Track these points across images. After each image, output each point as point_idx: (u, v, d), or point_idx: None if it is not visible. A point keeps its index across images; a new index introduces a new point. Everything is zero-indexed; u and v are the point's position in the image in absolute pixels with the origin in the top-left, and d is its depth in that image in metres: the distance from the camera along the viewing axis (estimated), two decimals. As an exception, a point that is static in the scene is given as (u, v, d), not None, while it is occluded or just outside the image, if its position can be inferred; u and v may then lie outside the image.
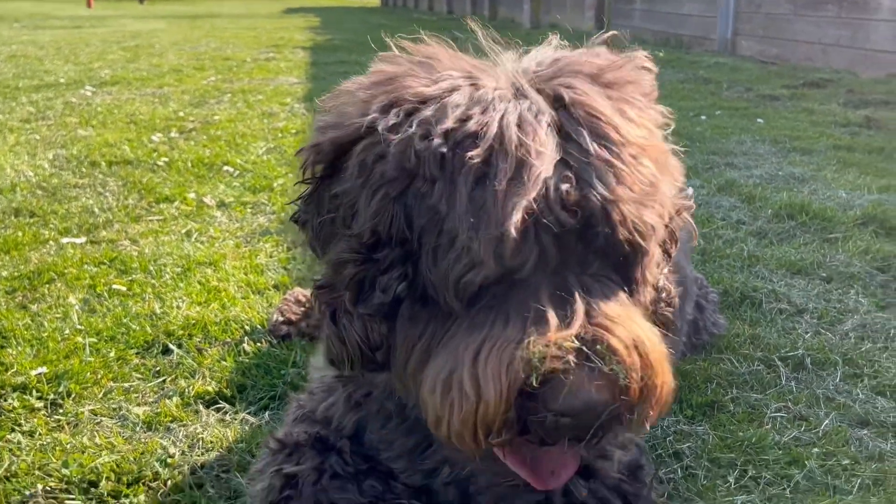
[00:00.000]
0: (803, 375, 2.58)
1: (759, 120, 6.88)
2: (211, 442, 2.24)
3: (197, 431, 2.29)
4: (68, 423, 2.38)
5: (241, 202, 4.60)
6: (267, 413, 2.40)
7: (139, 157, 5.60)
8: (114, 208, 4.45)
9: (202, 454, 2.19)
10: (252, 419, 2.37)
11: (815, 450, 2.17)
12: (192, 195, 4.68)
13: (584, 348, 1.28)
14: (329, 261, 1.52)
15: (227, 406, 2.45)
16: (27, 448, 2.24)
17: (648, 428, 1.40)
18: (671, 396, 1.39)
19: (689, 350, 2.63)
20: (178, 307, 3.12)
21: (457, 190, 1.33)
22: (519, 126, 1.34)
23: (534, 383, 1.26)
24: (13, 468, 2.14)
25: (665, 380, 1.37)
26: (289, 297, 2.96)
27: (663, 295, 1.63)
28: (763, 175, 4.98)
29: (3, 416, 2.39)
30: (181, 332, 2.89)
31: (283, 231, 4.05)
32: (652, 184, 1.38)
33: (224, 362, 2.69)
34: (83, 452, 2.20)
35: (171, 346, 2.81)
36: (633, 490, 1.73)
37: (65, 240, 3.93)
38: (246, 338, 2.86)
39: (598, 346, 1.29)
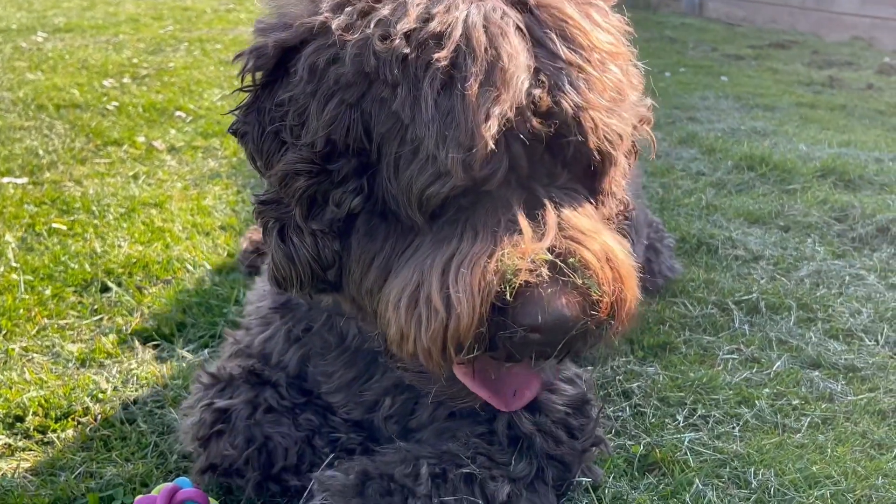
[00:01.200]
0: (757, 319, 2.54)
1: (723, 77, 6.84)
2: (146, 378, 2.16)
3: (131, 367, 2.20)
4: (-3, 360, 2.28)
5: (192, 146, 4.46)
6: (206, 351, 2.31)
7: (88, 101, 5.41)
8: (59, 150, 4.29)
9: (136, 390, 2.10)
10: (190, 356, 2.28)
11: (766, 390, 2.14)
12: (141, 139, 4.53)
13: (557, 261, 1.23)
14: (276, 174, 1.40)
15: (165, 343, 2.36)
16: (-49, 383, 2.14)
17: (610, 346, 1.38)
18: (637, 310, 1.37)
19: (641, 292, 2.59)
20: (119, 246, 3.01)
21: (421, 95, 1.25)
22: (486, 27, 1.26)
23: (507, 297, 1.21)
24: (-65, 403, 2.04)
25: (633, 294, 1.34)
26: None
27: (625, 210, 1.60)
28: (725, 129, 4.93)
29: (-73, 352, 2.29)
30: (121, 271, 2.79)
31: (234, 174, 3.93)
32: (619, 91, 1.34)
33: (164, 300, 2.59)
34: (10, 388, 2.10)
35: (110, 284, 2.71)
36: (578, 424, 1.68)
37: (5, 179, 3.78)
38: (188, 276, 2.76)
39: (571, 260, 1.24)
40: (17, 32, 8.70)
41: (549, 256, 1.23)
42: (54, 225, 3.19)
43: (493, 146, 1.22)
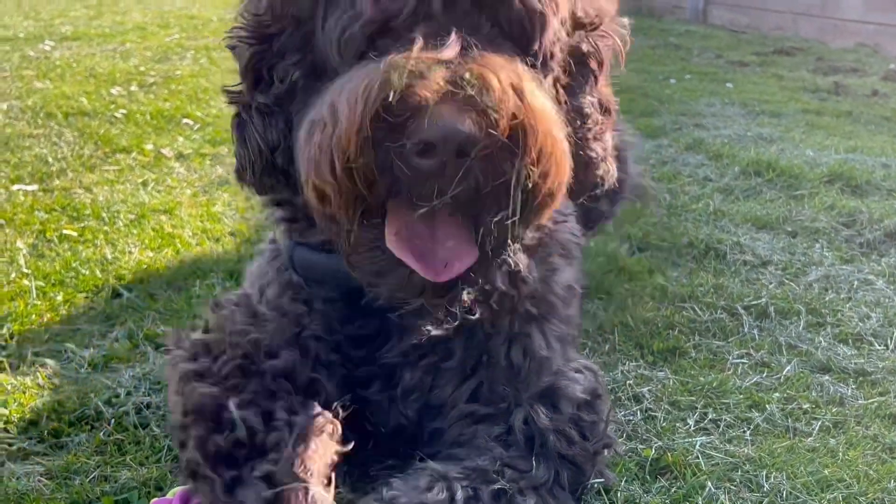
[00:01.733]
0: (766, 324, 2.55)
1: (728, 84, 6.85)
2: (158, 382, 2.17)
3: (144, 372, 2.21)
4: (10, 365, 2.29)
5: (200, 154, 4.48)
6: (218, 355, 2.32)
7: (97, 108, 5.43)
8: (68, 157, 4.31)
9: (148, 394, 2.11)
10: (202, 361, 2.29)
11: (776, 394, 2.14)
12: (149, 146, 4.55)
13: (451, 71, 1.18)
14: (234, 51, 1.52)
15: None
16: (-35, 388, 2.15)
17: (537, 216, 1.31)
18: (563, 168, 1.27)
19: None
20: (129, 252, 3.03)
21: None
22: None
23: (391, 98, 1.15)
24: (-51, 407, 2.06)
25: (552, 137, 1.24)
26: None
27: (589, 123, 1.54)
28: (731, 135, 4.94)
29: (-59, 357, 2.30)
30: (132, 277, 2.80)
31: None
32: None
33: (175, 305, 2.60)
34: (24, 392, 2.11)
35: (121, 290, 2.72)
36: (589, 422, 1.67)
37: (16, 187, 3.80)
38: (198, 281, 2.77)
39: (468, 76, 1.18)
40: (25, 41, 8.75)
41: (442, 67, 1.18)
42: (65, 231, 3.20)
43: None
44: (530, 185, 1.23)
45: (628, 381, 2.19)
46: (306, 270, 1.69)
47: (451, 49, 1.20)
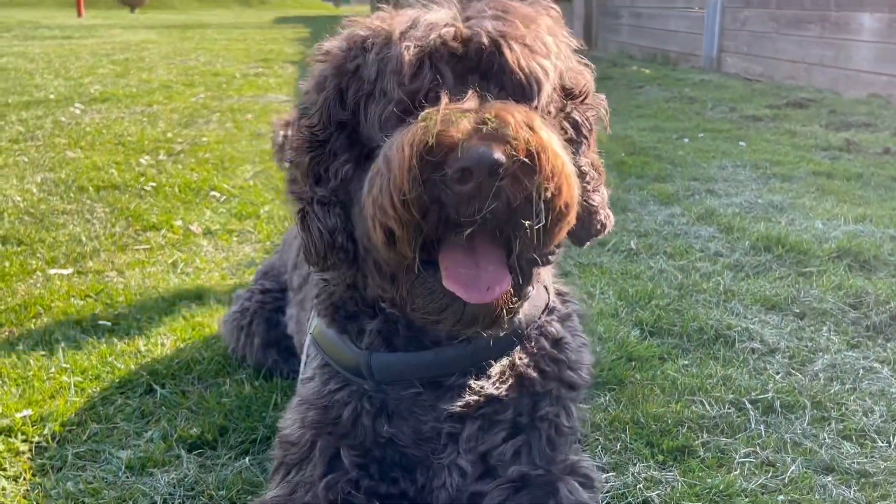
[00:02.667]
0: (772, 419, 2.64)
1: (741, 143, 6.97)
2: (192, 489, 2.29)
3: (179, 478, 2.34)
4: (52, 468, 2.43)
5: (228, 230, 4.65)
6: (247, 458, 2.45)
7: (127, 181, 5.64)
8: (101, 236, 4.49)
9: (183, 502, 2.24)
10: (233, 464, 2.42)
11: (781, 497, 2.24)
12: (178, 223, 4.73)
13: (476, 115, 1.46)
14: (294, 156, 1.80)
15: (209, 451, 2.50)
16: (12, 494, 2.29)
17: (554, 233, 1.54)
18: (571, 188, 1.52)
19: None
20: (162, 344, 3.17)
21: (371, 54, 1.64)
22: (424, 10, 1.65)
23: (430, 141, 1.42)
24: (-2, 516, 2.19)
25: (560, 162, 1.49)
26: None
27: (587, 178, 1.80)
28: (742, 203, 5.06)
29: (-12, 461, 2.44)
30: (165, 372, 2.94)
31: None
32: (543, 41, 1.65)
33: (206, 403, 2.74)
34: (67, 499, 2.24)
35: (154, 385, 2.86)
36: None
37: (52, 270, 3.97)
38: (228, 378, 2.91)
39: (488, 116, 1.45)
40: (56, 103, 9.03)
41: (469, 112, 1.46)
42: (100, 322, 3.36)
43: (413, 64, 1.55)
44: (549, 196, 1.49)
45: (638, 485, 2.29)
46: (384, 373, 1.87)
47: (471, 101, 1.50)
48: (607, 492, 2.27)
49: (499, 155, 1.41)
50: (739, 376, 2.89)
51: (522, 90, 1.60)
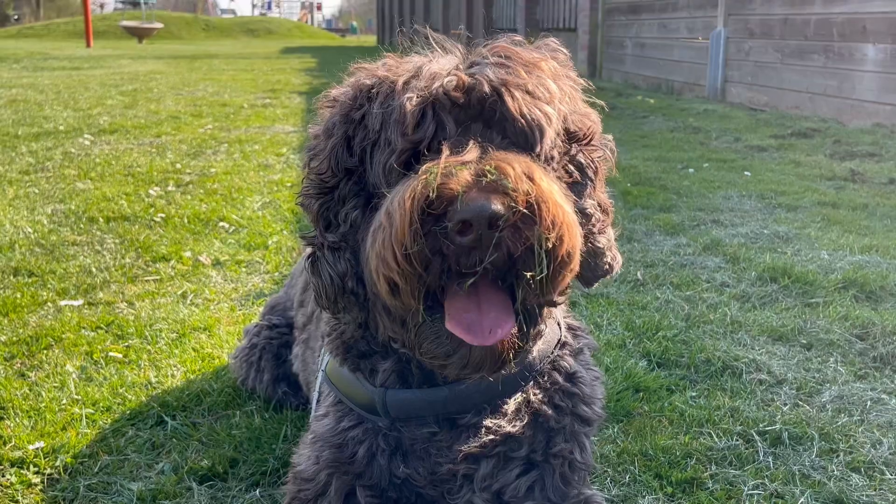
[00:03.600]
0: (780, 451, 2.65)
1: (746, 173, 7.01)
2: (203, 521, 2.31)
3: (190, 510, 2.36)
4: (64, 500, 2.44)
5: (236, 261, 4.69)
6: (258, 490, 2.46)
7: (136, 212, 5.69)
8: (111, 268, 4.53)
9: (195, 534, 2.25)
10: (244, 496, 2.43)
11: (790, 529, 2.24)
12: (188, 254, 4.77)
13: (474, 166, 1.48)
14: (304, 203, 1.83)
15: (219, 483, 2.51)
16: (24, 527, 2.31)
17: (558, 281, 1.55)
18: (573, 236, 1.53)
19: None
20: (172, 376, 3.20)
21: (375, 103, 1.67)
22: (429, 59, 1.69)
23: (431, 195, 1.44)
24: (10, 548, 2.21)
25: (561, 211, 1.50)
26: None
27: (593, 220, 1.79)
28: (748, 233, 5.09)
29: (0, 493, 2.46)
30: (175, 404, 2.96)
31: (276, 293, 4.13)
32: (545, 86, 1.66)
33: (217, 435, 2.76)
34: (79, 532, 2.26)
35: (165, 417, 2.88)
36: None
37: (63, 302, 4.01)
38: (238, 410, 2.93)
39: (487, 167, 1.47)
40: (66, 135, 9.12)
41: (469, 164, 1.48)
42: (111, 353, 3.39)
43: (416, 114, 1.57)
44: (550, 246, 1.49)
45: (647, 518, 2.30)
46: (399, 410, 1.89)
47: (471, 153, 1.52)
48: (617, 524, 2.27)
49: (497, 207, 1.42)
50: (747, 408, 2.90)
51: (525, 137, 1.62)
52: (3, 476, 2.53)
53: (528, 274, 1.51)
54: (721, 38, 12.52)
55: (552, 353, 1.94)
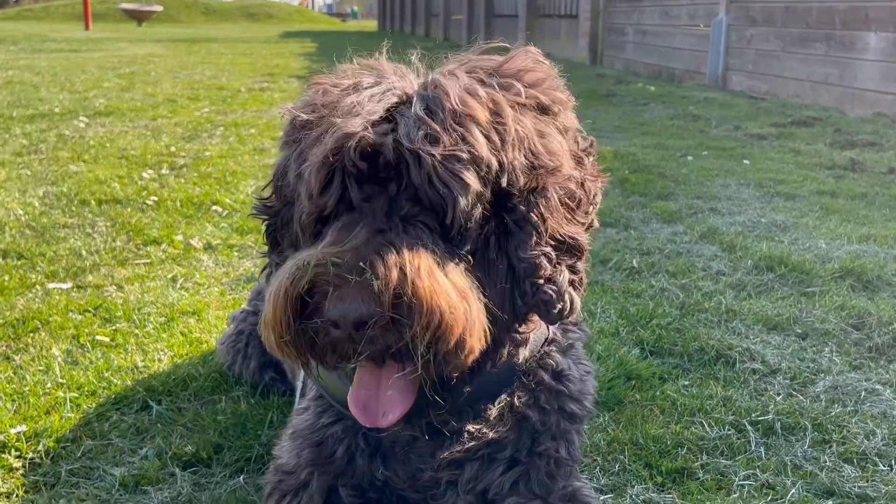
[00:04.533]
0: (773, 441, 2.61)
1: (745, 161, 6.96)
2: (185, 508, 2.27)
3: (172, 496, 2.32)
4: (46, 485, 2.41)
5: (228, 245, 4.65)
6: (242, 477, 2.42)
7: (129, 195, 5.64)
8: (101, 251, 4.49)
9: (176, 521, 2.22)
10: (227, 483, 2.40)
11: (781, 521, 2.21)
12: (179, 237, 4.72)
13: (346, 262, 1.44)
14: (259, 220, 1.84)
15: (203, 469, 2.47)
16: (3, 511, 2.27)
17: (448, 367, 1.50)
18: (457, 332, 1.46)
19: None
20: (159, 360, 3.16)
21: (297, 148, 1.62)
22: (361, 99, 1.56)
23: (303, 289, 1.45)
24: (-12, 534, 2.17)
25: (440, 308, 1.43)
26: None
27: (536, 271, 1.63)
28: (745, 222, 5.04)
29: (-20, 477, 2.42)
30: (161, 388, 2.92)
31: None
32: (467, 143, 1.51)
33: (202, 420, 2.72)
34: (59, 518, 2.22)
35: (150, 402, 2.84)
36: None
37: (51, 285, 3.97)
38: (224, 396, 2.89)
39: (361, 263, 1.43)
40: (60, 117, 9.06)
41: (338, 260, 1.44)
42: (98, 337, 3.35)
43: (321, 180, 1.52)
44: (427, 344, 1.45)
45: (636, 508, 2.27)
46: None
47: (351, 241, 1.47)
48: (604, 514, 2.24)
49: (362, 311, 1.40)
50: (740, 397, 2.86)
51: (436, 203, 1.52)
52: (-16, 460, 2.50)
53: (416, 357, 1.48)
54: (723, 25, 12.44)
55: (539, 350, 1.88)
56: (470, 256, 1.57)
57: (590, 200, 1.74)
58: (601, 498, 2.30)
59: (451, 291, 1.47)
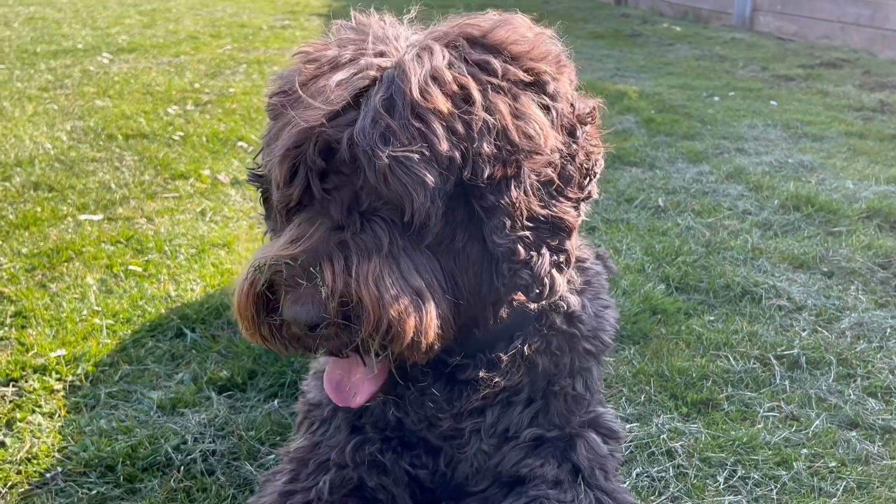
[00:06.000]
0: (797, 374, 2.65)
1: (772, 102, 6.87)
2: (222, 428, 2.34)
3: (209, 418, 2.39)
4: (86, 406, 2.49)
5: (255, 180, 4.67)
6: (276, 401, 2.49)
7: (155, 130, 5.66)
8: (130, 184, 4.53)
9: (213, 441, 2.28)
10: (262, 407, 2.46)
11: (804, 451, 2.25)
12: (206, 172, 4.75)
13: (298, 266, 1.50)
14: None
15: (238, 393, 2.54)
16: (47, 430, 2.35)
17: (411, 358, 1.58)
18: (408, 333, 1.51)
19: None
20: (192, 290, 3.21)
21: (271, 130, 1.65)
22: (331, 82, 1.55)
23: (261, 288, 1.54)
24: (34, 450, 2.25)
25: (386, 313, 1.49)
26: None
27: (512, 257, 1.62)
28: (772, 162, 5.01)
29: (24, 398, 2.50)
30: (195, 316, 2.98)
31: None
32: (425, 139, 1.50)
33: (235, 347, 2.78)
34: (100, 436, 2.30)
35: (185, 329, 2.90)
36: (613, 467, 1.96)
37: (83, 216, 4.02)
38: (257, 324, 2.94)
39: (312, 269, 1.49)
40: (84, 53, 9.04)
41: (291, 263, 1.51)
42: (130, 266, 3.40)
43: (285, 174, 1.56)
44: (382, 347, 1.53)
45: (662, 436, 2.31)
46: None
47: (305, 243, 1.54)
48: (631, 441, 2.29)
49: (312, 315, 1.48)
50: (765, 332, 2.89)
51: (392, 200, 1.52)
52: (27, 382, 2.57)
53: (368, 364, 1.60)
54: (752, -36, 12.16)
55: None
56: (437, 245, 1.59)
57: (586, 173, 1.71)
58: (627, 426, 2.35)
59: (401, 296, 1.51)
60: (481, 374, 1.82)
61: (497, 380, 1.82)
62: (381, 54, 1.61)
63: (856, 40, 10.07)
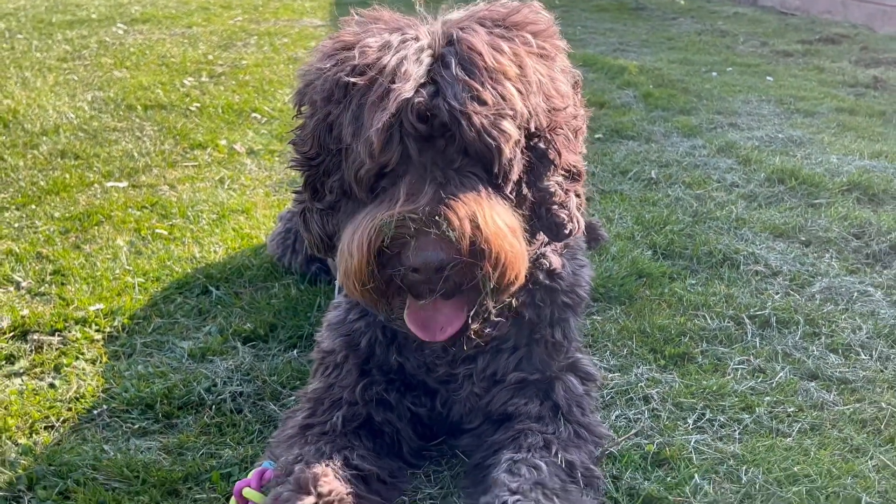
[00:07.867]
0: (767, 332, 2.91)
1: (768, 78, 7.09)
2: (248, 374, 2.62)
3: (236, 364, 2.66)
4: (124, 353, 2.77)
5: (269, 150, 4.93)
6: (295, 351, 2.76)
7: (172, 101, 5.91)
8: (152, 153, 4.79)
9: (240, 384, 2.56)
10: (283, 356, 2.74)
11: (767, 398, 2.52)
12: (223, 142, 5.01)
13: (423, 217, 1.70)
14: (294, 168, 2.05)
15: (261, 343, 2.82)
16: (91, 374, 2.63)
17: (504, 295, 1.82)
18: (516, 266, 1.78)
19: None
20: (215, 252, 3.48)
21: (349, 111, 1.80)
22: (401, 60, 1.77)
23: (385, 243, 1.70)
24: (81, 390, 2.53)
25: (503, 249, 1.75)
26: None
27: (552, 199, 1.95)
28: (763, 137, 5.24)
29: (68, 346, 2.78)
30: (219, 276, 3.26)
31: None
32: (505, 99, 1.77)
33: (257, 303, 3.05)
34: (139, 379, 2.58)
35: (210, 287, 3.18)
36: (591, 407, 2.25)
37: (109, 183, 4.28)
38: (276, 283, 3.22)
39: (437, 217, 1.71)
40: (99, 23, 9.27)
41: (418, 214, 1.69)
42: (157, 230, 3.67)
43: (382, 140, 1.71)
44: (492, 282, 1.77)
45: (640, 384, 2.58)
46: None
47: (424, 197, 1.72)
48: (611, 387, 2.56)
49: (443, 257, 1.67)
50: (741, 295, 3.15)
51: (484, 156, 1.77)
52: (69, 332, 2.85)
53: (476, 300, 1.81)
54: (756, -62, 12.26)
55: (536, 252, 2.12)
56: (511, 194, 1.87)
57: (576, 132, 2.03)
58: (609, 375, 2.62)
59: (507, 233, 1.78)
60: (474, 326, 2.03)
61: (488, 330, 2.07)
62: (416, 38, 1.84)
63: (856, 15, 10.23)
